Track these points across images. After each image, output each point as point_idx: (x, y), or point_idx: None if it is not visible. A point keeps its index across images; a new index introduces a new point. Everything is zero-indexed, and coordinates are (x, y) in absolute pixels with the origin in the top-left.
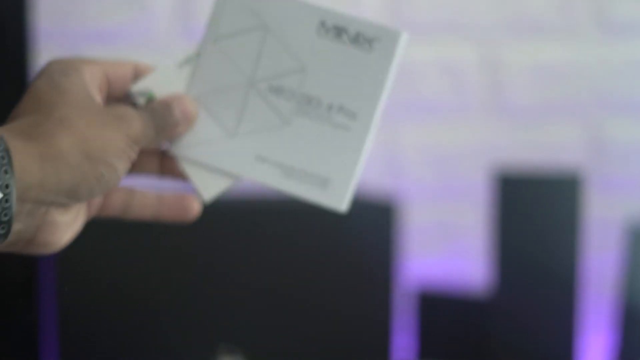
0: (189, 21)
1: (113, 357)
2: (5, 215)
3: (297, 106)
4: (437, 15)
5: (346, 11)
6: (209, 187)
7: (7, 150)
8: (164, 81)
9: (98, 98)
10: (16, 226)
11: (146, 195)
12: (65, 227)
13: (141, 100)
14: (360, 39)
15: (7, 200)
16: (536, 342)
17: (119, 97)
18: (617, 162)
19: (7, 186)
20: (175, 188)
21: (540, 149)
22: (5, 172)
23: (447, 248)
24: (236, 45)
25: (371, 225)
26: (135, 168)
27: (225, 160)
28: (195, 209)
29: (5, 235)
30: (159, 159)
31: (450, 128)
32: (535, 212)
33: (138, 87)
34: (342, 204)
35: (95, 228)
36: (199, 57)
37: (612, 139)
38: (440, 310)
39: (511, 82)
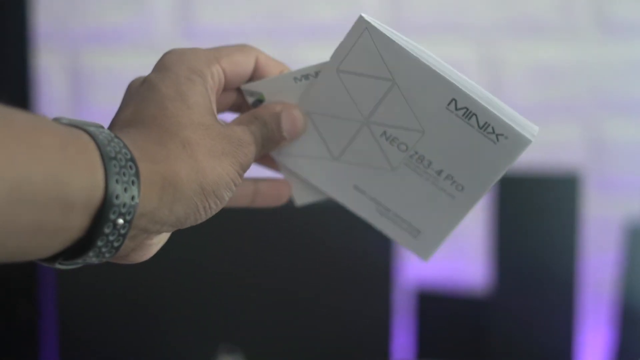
0: (189, 22)
1: (113, 357)
2: (118, 241)
3: (407, 159)
4: (437, 16)
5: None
6: (303, 194)
7: (137, 175)
8: (277, 88)
9: (215, 109)
10: None
11: (244, 184)
12: (156, 246)
13: (250, 100)
14: (488, 129)
15: (124, 227)
16: (535, 341)
17: (234, 87)
18: (617, 161)
19: (129, 213)
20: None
21: (539, 148)
22: (132, 198)
23: (446, 247)
24: (358, 84)
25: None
26: None
27: (324, 180)
28: (287, 194)
29: (109, 258)
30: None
31: None
32: (534, 212)
33: (250, 87)
34: (427, 256)
35: None
36: (317, 78)
37: (611, 139)
38: (439, 309)
39: (511, 82)
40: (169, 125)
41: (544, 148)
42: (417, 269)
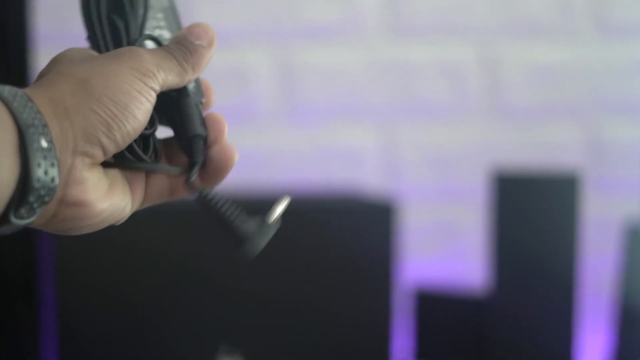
0: (188, 23)
1: (112, 358)
2: (53, 181)
3: None
4: (436, 17)
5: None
6: None
7: (39, 113)
8: None
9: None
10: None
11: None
12: (95, 186)
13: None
14: None
15: (53, 165)
16: (534, 342)
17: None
18: (615, 162)
19: (50, 149)
20: None
21: (538, 149)
22: (47, 137)
23: (446, 248)
24: None
25: (371, 225)
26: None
27: None
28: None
29: (46, 203)
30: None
31: (450, 129)
32: (533, 212)
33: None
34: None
35: None
36: None
37: (610, 140)
38: (438, 310)
39: (510, 83)
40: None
41: (542, 149)
42: (416, 269)
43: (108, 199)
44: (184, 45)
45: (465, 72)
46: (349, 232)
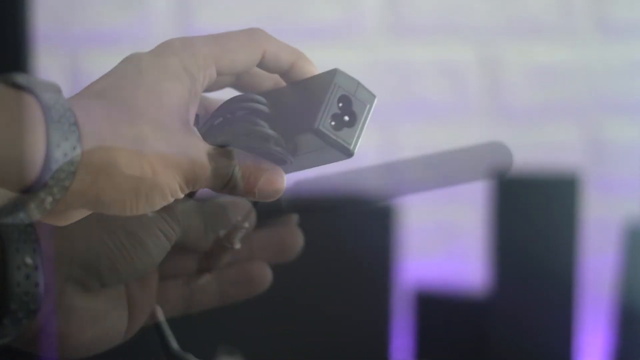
0: (188, 23)
1: (112, 357)
2: (69, 178)
3: None
4: (436, 16)
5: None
6: None
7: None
8: None
9: (191, 114)
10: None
11: (205, 283)
12: (83, 315)
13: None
14: None
15: (72, 164)
16: (534, 343)
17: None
18: (616, 162)
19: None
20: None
21: (538, 149)
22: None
23: (446, 248)
24: None
25: (371, 225)
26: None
27: None
28: (267, 277)
29: (58, 196)
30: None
31: (449, 129)
32: (533, 213)
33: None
34: None
35: None
36: None
37: (610, 140)
38: (438, 310)
39: (510, 83)
40: (133, 113)
41: (543, 149)
42: (416, 269)
43: (94, 329)
44: (244, 185)
45: (465, 72)
46: (349, 232)
